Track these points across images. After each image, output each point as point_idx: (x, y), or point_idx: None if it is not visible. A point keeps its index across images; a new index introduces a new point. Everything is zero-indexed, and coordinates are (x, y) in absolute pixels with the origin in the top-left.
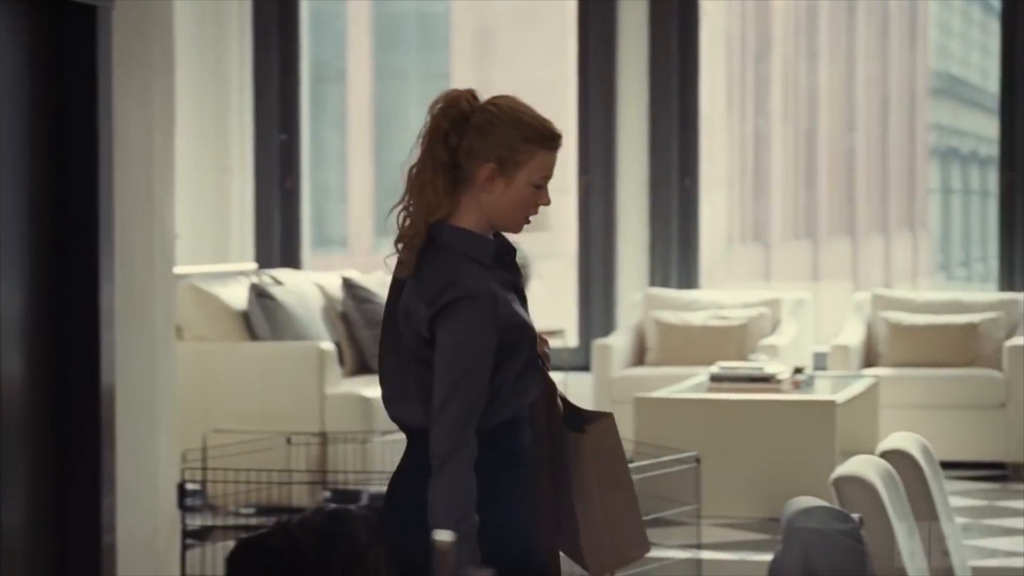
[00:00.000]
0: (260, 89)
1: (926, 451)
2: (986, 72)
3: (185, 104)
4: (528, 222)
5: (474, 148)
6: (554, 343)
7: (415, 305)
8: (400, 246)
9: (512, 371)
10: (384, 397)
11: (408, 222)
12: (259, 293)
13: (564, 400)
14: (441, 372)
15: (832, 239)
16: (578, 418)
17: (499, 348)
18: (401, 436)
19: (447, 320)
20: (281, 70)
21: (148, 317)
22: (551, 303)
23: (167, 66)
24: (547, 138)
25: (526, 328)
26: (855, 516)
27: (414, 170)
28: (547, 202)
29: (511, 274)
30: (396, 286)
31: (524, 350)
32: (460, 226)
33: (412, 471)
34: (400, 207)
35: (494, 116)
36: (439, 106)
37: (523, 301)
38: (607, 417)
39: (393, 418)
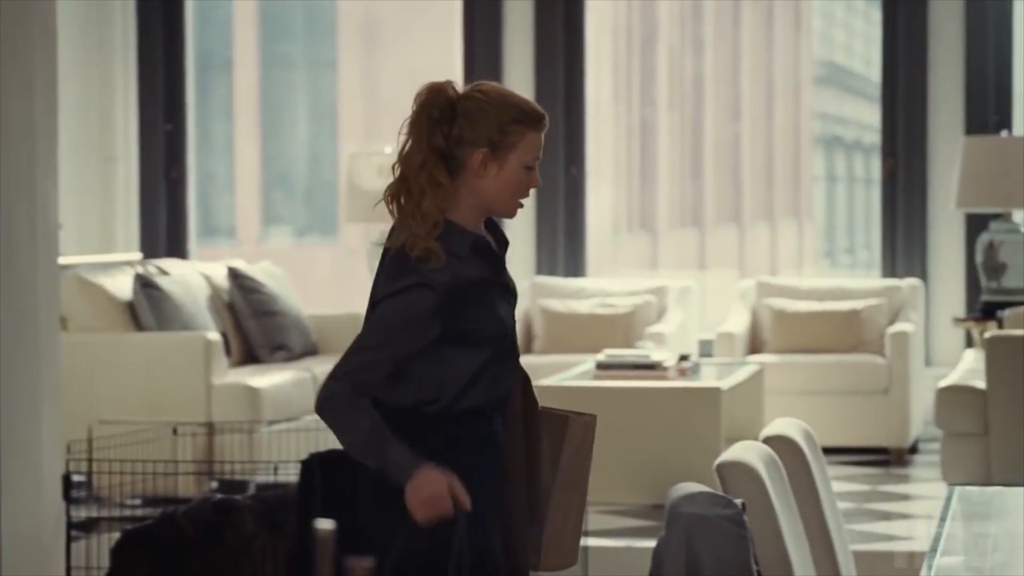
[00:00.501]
0: (145, 78)
1: (808, 437)
2: (869, 60)
3: (68, 93)
4: (521, 206)
5: (464, 135)
6: None
7: (380, 278)
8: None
9: (479, 359)
10: None
11: (420, 219)
12: (144, 283)
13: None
14: (363, 329)
15: (718, 227)
16: (562, 412)
17: (467, 335)
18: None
19: (395, 296)
20: (166, 59)
21: (32, 308)
22: None
23: (49, 55)
24: (534, 119)
25: (498, 321)
26: (738, 502)
27: (415, 164)
28: (537, 183)
29: (492, 268)
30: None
31: (494, 342)
32: (448, 219)
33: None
34: (394, 200)
35: (481, 101)
36: (423, 97)
37: (508, 293)
38: (590, 416)
39: None
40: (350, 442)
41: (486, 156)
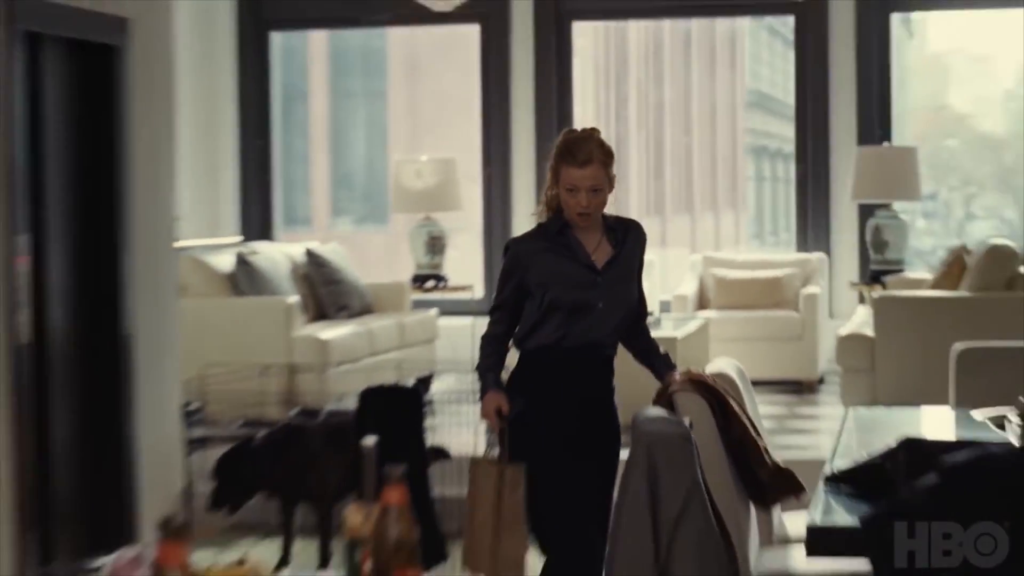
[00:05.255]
0: (243, 105)
1: (741, 372)
2: (787, 89)
3: (186, 119)
4: (581, 217)
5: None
6: (465, 295)
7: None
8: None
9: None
10: None
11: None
12: (242, 261)
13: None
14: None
15: (675, 215)
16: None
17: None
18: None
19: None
20: (255, 89)
21: (158, 281)
22: (464, 266)
23: (167, 89)
24: (565, 155)
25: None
26: (686, 420)
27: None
28: (583, 203)
29: (570, 244)
30: None
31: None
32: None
33: None
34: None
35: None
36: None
37: (576, 260)
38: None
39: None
40: None
41: (552, 180)
